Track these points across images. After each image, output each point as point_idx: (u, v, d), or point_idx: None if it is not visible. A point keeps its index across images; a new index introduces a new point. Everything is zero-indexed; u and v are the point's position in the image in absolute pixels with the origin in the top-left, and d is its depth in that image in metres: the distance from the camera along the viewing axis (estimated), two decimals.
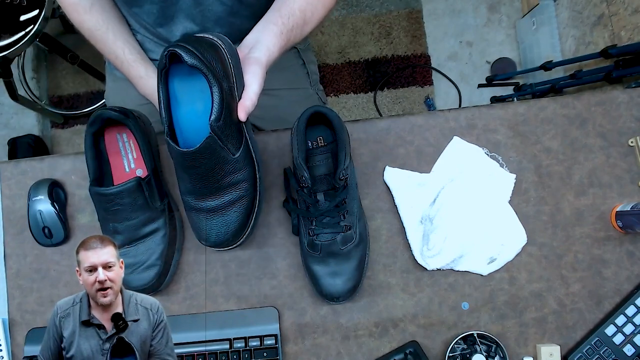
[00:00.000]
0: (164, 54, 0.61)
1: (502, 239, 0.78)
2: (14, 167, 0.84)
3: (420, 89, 1.85)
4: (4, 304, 0.80)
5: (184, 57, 0.59)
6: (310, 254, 0.74)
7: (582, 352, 0.75)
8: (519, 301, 0.78)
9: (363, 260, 0.76)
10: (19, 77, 1.79)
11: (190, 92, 0.66)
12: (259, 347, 0.76)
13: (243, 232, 0.71)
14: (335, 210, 0.72)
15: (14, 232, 0.82)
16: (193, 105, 0.66)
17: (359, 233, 0.74)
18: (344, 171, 0.70)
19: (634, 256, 0.78)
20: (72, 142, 1.89)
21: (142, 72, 0.87)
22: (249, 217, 0.71)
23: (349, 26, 1.89)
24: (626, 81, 1.32)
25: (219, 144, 0.62)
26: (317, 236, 0.73)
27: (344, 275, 0.74)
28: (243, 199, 0.69)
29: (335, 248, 0.73)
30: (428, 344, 0.77)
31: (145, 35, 0.90)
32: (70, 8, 0.84)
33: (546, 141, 0.81)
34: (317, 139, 0.78)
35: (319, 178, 0.74)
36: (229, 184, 0.67)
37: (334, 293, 0.74)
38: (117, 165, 0.79)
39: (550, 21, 1.66)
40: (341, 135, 0.72)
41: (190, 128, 0.66)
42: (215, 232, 0.69)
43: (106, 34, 0.85)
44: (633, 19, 1.30)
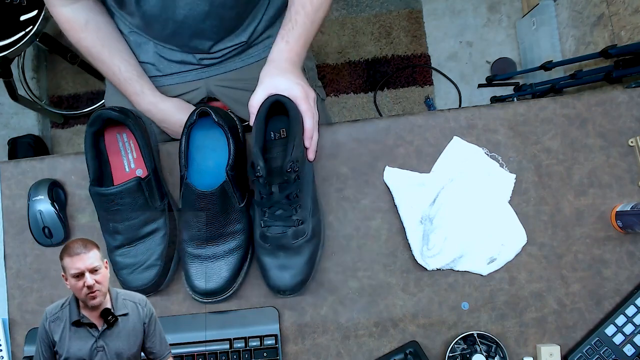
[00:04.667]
0: (195, 111, 0.74)
1: (502, 239, 0.78)
2: (14, 167, 0.84)
3: (420, 89, 1.85)
4: (4, 304, 0.80)
5: (212, 115, 0.73)
6: (262, 246, 0.74)
7: (582, 352, 0.75)
8: (519, 301, 0.78)
9: (314, 255, 0.76)
10: (19, 77, 1.79)
11: (205, 148, 0.78)
12: (259, 347, 0.76)
13: (235, 281, 0.76)
14: (287, 203, 0.72)
15: (14, 232, 0.82)
16: (205, 160, 0.77)
17: (311, 228, 0.74)
18: (292, 163, 0.69)
19: (634, 256, 0.78)
20: (72, 142, 1.89)
21: (137, 89, 0.89)
22: (242, 267, 0.76)
23: (349, 26, 1.89)
24: (626, 81, 1.32)
25: (232, 189, 0.71)
26: (269, 228, 0.73)
27: (293, 269, 0.74)
28: (239, 249, 0.75)
29: (285, 241, 0.73)
30: (428, 344, 0.77)
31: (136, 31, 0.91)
32: (67, 26, 0.85)
33: (546, 141, 0.81)
34: (280, 130, 0.78)
35: (276, 170, 0.74)
36: (230, 232, 0.74)
37: (281, 286, 0.74)
38: (117, 165, 0.79)
39: (550, 21, 1.66)
40: (294, 126, 0.71)
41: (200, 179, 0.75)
42: (207, 279, 0.74)
43: (102, 52, 0.86)
44: (633, 19, 1.30)
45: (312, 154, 0.75)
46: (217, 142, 0.78)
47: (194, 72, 0.97)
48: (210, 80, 0.98)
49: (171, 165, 0.83)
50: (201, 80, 0.98)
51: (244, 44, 0.93)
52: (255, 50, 0.97)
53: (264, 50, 0.98)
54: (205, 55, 0.94)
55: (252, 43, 0.96)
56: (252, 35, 0.93)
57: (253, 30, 0.93)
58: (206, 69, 0.97)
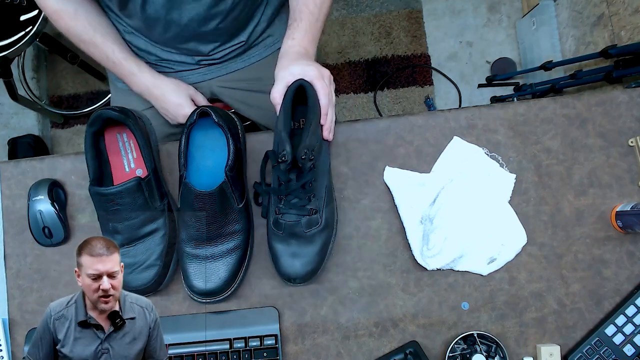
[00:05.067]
0: (195, 111, 0.74)
1: (502, 239, 0.78)
2: (14, 167, 0.84)
3: (420, 89, 1.85)
4: (4, 304, 0.80)
5: (212, 115, 0.73)
6: (274, 233, 0.74)
7: (582, 352, 0.75)
8: (519, 301, 0.78)
9: (326, 246, 0.76)
10: (19, 77, 1.79)
11: (205, 148, 0.78)
12: (259, 347, 0.76)
13: (233, 282, 0.76)
14: (303, 192, 0.72)
15: (14, 232, 0.82)
16: (204, 160, 0.77)
17: (324, 219, 0.74)
18: (306, 150, 0.69)
19: (634, 256, 0.78)
20: (72, 142, 1.89)
21: (134, 69, 0.88)
22: (240, 267, 0.77)
23: (349, 26, 1.89)
24: (626, 81, 1.32)
25: (230, 190, 0.71)
26: (283, 215, 0.73)
27: (304, 258, 0.74)
28: (238, 249, 0.76)
29: (298, 230, 0.73)
30: (428, 344, 0.77)
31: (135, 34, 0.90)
32: (55, 15, 0.84)
33: (546, 141, 0.81)
34: (300, 120, 0.78)
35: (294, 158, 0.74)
36: (228, 232, 0.74)
37: (291, 274, 0.74)
38: (117, 165, 0.79)
39: (550, 21, 1.66)
40: (310, 114, 0.71)
41: (199, 179, 0.76)
42: (206, 280, 0.74)
43: (94, 37, 0.86)
44: (633, 19, 1.30)
45: (327, 132, 0.73)
46: (216, 142, 0.78)
47: (195, 74, 0.97)
48: (212, 82, 0.99)
49: (171, 165, 0.83)
50: (204, 82, 0.98)
51: (244, 44, 0.93)
52: (255, 50, 0.97)
53: (265, 50, 0.98)
54: (203, 58, 0.94)
55: (252, 43, 0.96)
56: (251, 36, 0.94)
57: (252, 30, 0.93)
58: (208, 71, 0.97)
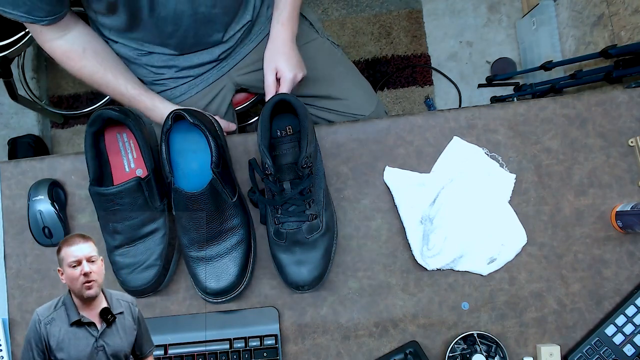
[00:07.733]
0: (169, 115, 0.72)
1: (502, 239, 0.78)
2: (14, 167, 0.84)
3: (420, 89, 1.85)
4: (4, 304, 0.80)
5: (187, 117, 0.72)
6: (276, 243, 0.74)
7: (582, 352, 0.75)
8: (519, 301, 0.78)
9: (330, 249, 0.76)
10: (19, 77, 1.79)
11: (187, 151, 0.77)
12: (259, 347, 0.76)
13: (244, 275, 0.76)
14: (301, 199, 0.72)
15: (14, 232, 0.82)
16: (189, 163, 0.77)
17: (325, 222, 0.74)
18: (306, 159, 0.70)
19: (634, 256, 0.78)
20: (72, 142, 1.88)
21: (148, 104, 0.90)
22: (248, 260, 0.77)
23: (349, 26, 1.89)
24: (626, 81, 1.32)
25: (221, 186, 0.71)
26: (283, 224, 0.73)
27: (310, 264, 0.74)
28: (242, 243, 0.75)
29: (300, 237, 0.73)
30: (428, 344, 0.77)
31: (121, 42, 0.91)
32: (64, 57, 0.84)
33: (546, 141, 0.81)
34: (285, 128, 0.78)
35: (285, 166, 0.74)
36: (228, 228, 0.74)
37: (299, 282, 0.74)
38: (117, 165, 0.79)
39: (550, 21, 1.66)
40: (304, 123, 0.72)
41: (187, 183, 0.75)
42: (216, 279, 0.73)
43: (105, 75, 0.87)
44: (633, 19, 1.30)
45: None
46: (196, 144, 0.77)
47: (215, 72, 0.98)
48: (232, 73, 0.99)
49: None
50: (224, 77, 0.99)
51: (250, 23, 0.94)
52: (258, 27, 0.98)
53: (266, 25, 0.98)
54: (222, 47, 0.94)
55: (255, 20, 0.97)
56: (253, 12, 0.95)
57: (253, 6, 0.94)
58: (225, 63, 0.98)
